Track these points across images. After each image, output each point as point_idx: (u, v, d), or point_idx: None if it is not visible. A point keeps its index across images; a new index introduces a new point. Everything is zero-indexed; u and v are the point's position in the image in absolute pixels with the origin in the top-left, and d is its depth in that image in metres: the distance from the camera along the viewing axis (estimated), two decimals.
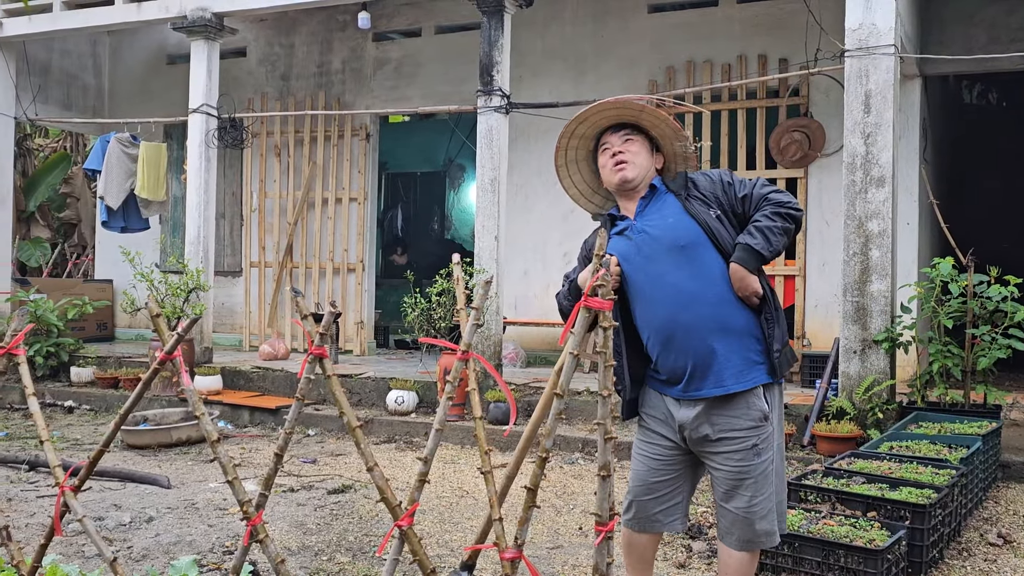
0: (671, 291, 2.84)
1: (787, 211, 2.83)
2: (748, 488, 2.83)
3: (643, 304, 2.90)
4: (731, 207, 2.89)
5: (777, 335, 2.86)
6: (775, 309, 2.88)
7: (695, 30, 9.13)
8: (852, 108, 6.45)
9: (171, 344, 2.43)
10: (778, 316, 2.88)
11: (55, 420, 8.07)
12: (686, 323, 2.82)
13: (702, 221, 2.85)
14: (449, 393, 2.43)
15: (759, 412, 2.82)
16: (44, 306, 9.32)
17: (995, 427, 5.61)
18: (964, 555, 4.35)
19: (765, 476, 2.84)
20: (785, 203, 2.84)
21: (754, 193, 2.88)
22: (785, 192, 2.91)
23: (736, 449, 2.83)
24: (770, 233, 2.80)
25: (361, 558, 4.29)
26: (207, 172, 9.25)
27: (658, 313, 2.86)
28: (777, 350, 2.85)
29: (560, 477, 6.00)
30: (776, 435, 2.90)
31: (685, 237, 2.85)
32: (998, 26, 8.20)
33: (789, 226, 2.84)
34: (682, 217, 2.88)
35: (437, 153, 13.81)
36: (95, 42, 12.04)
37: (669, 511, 2.99)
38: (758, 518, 2.85)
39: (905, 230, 7.90)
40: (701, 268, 2.83)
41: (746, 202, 2.88)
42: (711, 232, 2.84)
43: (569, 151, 3.11)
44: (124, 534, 4.63)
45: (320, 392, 8.01)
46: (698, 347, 2.81)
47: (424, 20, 10.40)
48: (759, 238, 2.79)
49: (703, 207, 2.88)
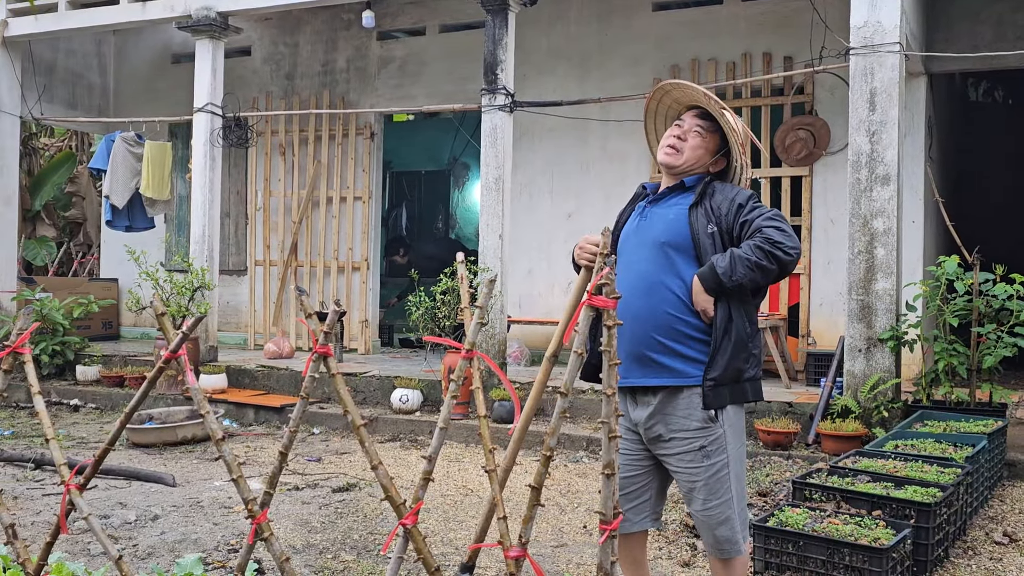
0: (635, 277, 2.87)
1: (772, 250, 2.73)
2: (701, 491, 2.83)
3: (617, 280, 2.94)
4: (729, 228, 2.86)
5: (719, 363, 2.79)
6: (729, 339, 2.79)
7: (700, 28, 9.12)
8: (857, 106, 6.44)
9: (176, 343, 2.44)
10: (727, 347, 2.78)
11: (61, 418, 8.09)
12: (637, 310, 2.84)
13: (694, 231, 2.86)
14: (453, 392, 2.44)
15: (704, 414, 2.81)
16: (50, 305, 9.34)
17: (1001, 426, 5.60)
18: (969, 554, 4.34)
19: (718, 481, 2.83)
20: (776, 242, 2.73)
21: (754, 223, 2.82)
22: (786, 233, 2.77)
23: (685, 450, 2.83)
24: (739, 263, 2.73)
25: (366, 556, 4.30)
26: (212, 171, 9.26)
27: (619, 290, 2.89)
28: (712, 379, 2.79)
29: (564, 475, 6.00)
30: (732, 445, 2.86)
31: (673, 238, 2.87)
32: (1004, 23, 8.18)
33: (767, 265, 2.72)
34: (681, 219, 2.90)
35: (441, 152, 13.81)
36: (100, 41, 12.06)
37: (638, 509, 2.99)
38: (715, 523, 2.85)
39: (910, 228, 7.88)
40: (673, 269, 2.85)
41: (744, 228, 2.84)
42: (698, 244, 2.85)
43: (661, 104, 3.15)
44: (129, 532, 4.64)
45: (325, 391, 8.01)
46: (642, 336, 2.84)
47: (428, 19, 10.40)
48: (726, 263, 2.75)
49: (704, 219, 2.87)
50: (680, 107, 3.12)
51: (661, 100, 3.15)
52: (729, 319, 2.81)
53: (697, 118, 3.00)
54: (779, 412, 6.61)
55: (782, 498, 5.02)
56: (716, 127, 2.99)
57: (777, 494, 5.22)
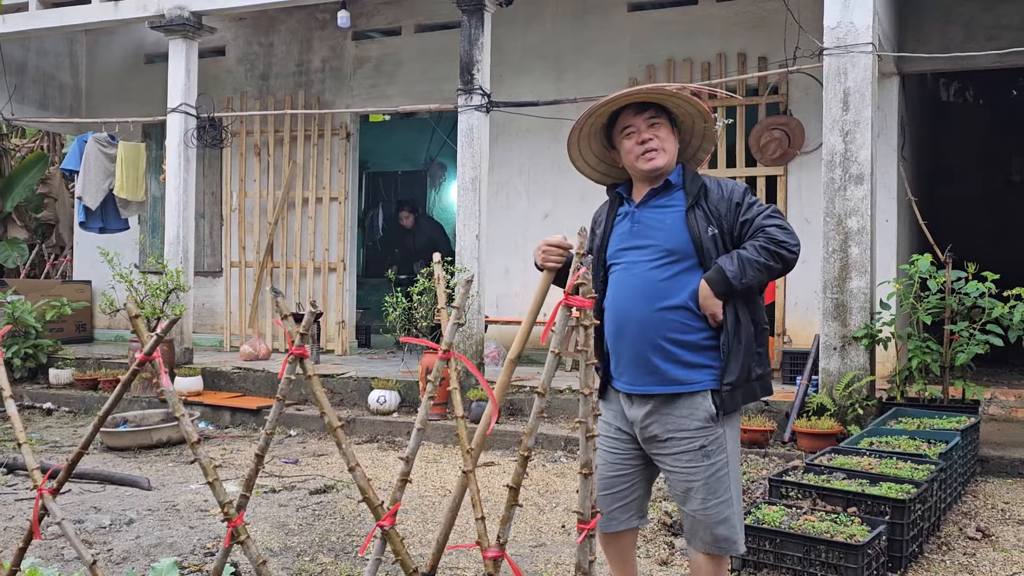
0: (639, 283, 2.85)
1: (777, 249, 2.77)
2: (700, 491, 2.81)
3: (614, 287, 2.92)
4: (731, 229, 2.85)
5: (733, 368, 2.80)
6: (739, 342, 2.81)
7: (675, 28, 9.16)
8: (831, 106, 6.49)
9: (150, 345, 2.42)
10: (738, 350, 2.80)
11: (33, 422, 8.00)
12: (642, 317, 2.82)
13: (696, 236, 2.82)
14: (431, 392, 2.43)
15: (706, 413, 2.80)
16: (22, 307, 9.23)
17: (973, 422, 5.66)
18: (943, 549, 4.39)
19: (718, 480, 2.81)
20: (780, 241, 2.77)
21: (755, 221, 2.82)
22: (787, 230, 2.81)
23: (684, 450, 2.81)
24: (748, 265, 2.75)
25: (343, 558, 4.28)
26: (186, 172, 9.19)
27: (622, 300, 2.88)
28: (729, 383, 2.80)
29: (543, 475, 6.00)
30: (730, 444, 2.86)
31: (674, 244, 2.84)
32: (974, 24, 8.27)
33: (773, 265, 2.78)
34: (680, 225, 2.86)
35: (418, 152, 13.78)
36: (72, 41, 11.94)
37: (626, 508, 2.98)
38: (715, 522, 2.82)
39: (884, 227, 7.95)
40: (677, 276, 2.83)
41: (744, 227, 2.83)
42: (701, 249, 2.82)
43: (584, 127, 2.98)
44: (104, 537, 4.60)
45: (302, 392, 7.97)
46: (648, 343, 2.82)
47: (404, 19, 10.37)
48: (735, 267, 2.75)
49: (704, 221, 2.84)
50: (601, 120, 2.97)
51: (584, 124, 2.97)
52: (737, 321, 2.81)
53: (641, 115, 2.90)
54: (755, 410, 6.64)
55: (759, 496, 5.05)
56: (661, 109, 2.91)
57: (754, 492, 5.24)
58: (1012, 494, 5.41)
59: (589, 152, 3.07)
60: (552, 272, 2.84)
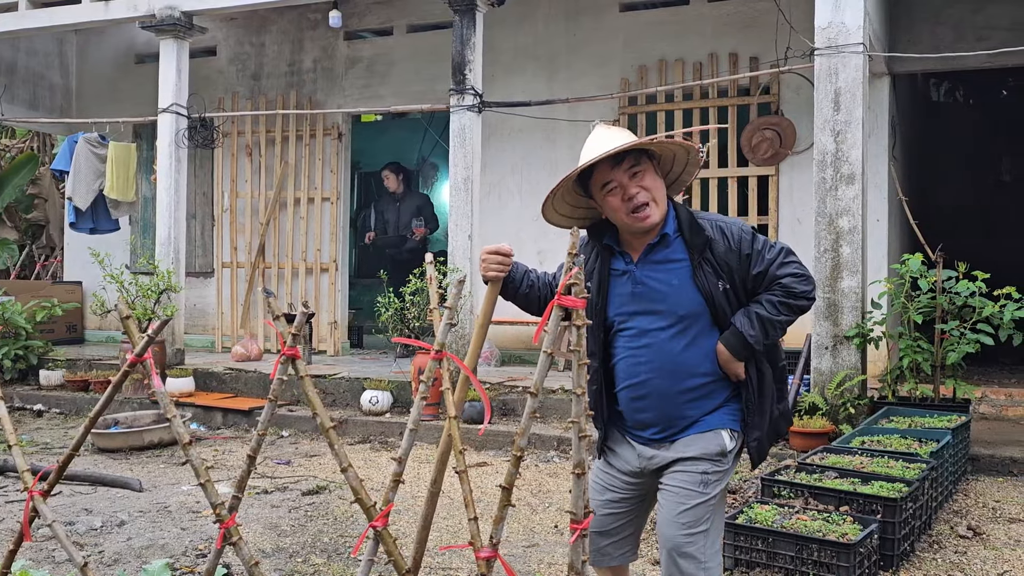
0: (658, 355, 2.70)
1: (797, 303, 2.67)
2: (684, 515, 2.64)
3: (627, 358, 2.76)
4: (743, 282, 2.70)
5: (758, 423, 2.73)
6: (762, 395, 2.74)
7: (667, 28, 9.17)
8: (822, 106, 6.51)
9: (142, 346, 2.41)
10: (763, 403, 2.73)
11: (24, 424, 7.97)
12: (664, 389, 2.71)
13: (707, 293, 2.67)
14: (423, 393, 2.43)
15: (718, 447, 2.69)
16: (12, 308, 9.19)
17: (964, 421, 5.68)
18: (935, 547, 4.40)
19: (705, 509, 2.66)
20: (799, 293, 2.67)
21: (769, 272, 2.68)
22: (804, 277, 2.68)
23: (686, 470, 2.69)
24: (768, 326, 2.66)
25: (336, 559, 4.27)
26: (177, 172, 9.16)
27: (639, 370, 2.73)
28: (756, 438, 2.75)
29: (535, 475, 6.01)
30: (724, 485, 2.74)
31: (687, 307, 2.69)
32: (964, 24, 8.30)
33: (792, 317, 2.70)
34: (688, 284, 2.69)
35: (410, 152, 13.75)
36: (62, 41, 11.89)
37: (619, 544, 2.87)
38: (681, 553, 2.64)
39: (875, 227, 7.97)
40: (696, 340, 2.70)
41: (758, 280, 2.69)
42: (714, 306, 2.68)
43: (559, 192, 2.78)
44: (95, 538, 4.58)
45: (294, 393, 7.96)
46: (671, 412, 2.72)
47: (396, 19, 10.36)
48: (756, 330, 2.65)
49: (714, 277, 2.68)
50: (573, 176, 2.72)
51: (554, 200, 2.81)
52: (760, 375, 2.74)
53: (620, 166, 2.65)
54: None
55: (751, 495, 5.06)
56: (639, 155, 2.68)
57: (746, 491, 5.26)
58: (1003, 492, 5.43)
59: (563, 205, 2.84)
60: (497, 283, 2.70)
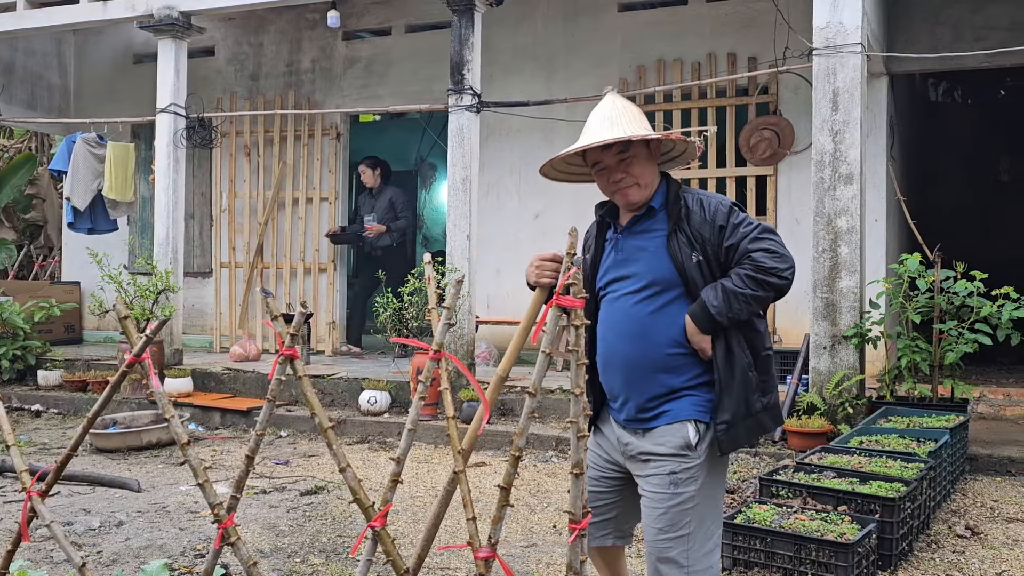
0: (624, 318, 2.71)
1: (765, 277, 2.58)
2: (658, 519, 2.62)
3: (601, 321, 2.79)
4: (716, 254, 2.65)
5: (727, 405, 2.62)
6: (732, 376, 2.63)
7: (665, 28, 9.17)
8: (820, 106, 6.51)
9: (140, 346, 2.41)
10: (731, 384, 2.62)
11: (22, 424, 7.96)
12: (629, 355, 2.69)
13: (679, 264, 2.65)
14: (421, 393, 2.43)
15: (682, 440, 2.64)
16: (10, 309, 9.18)
17: (962, 420, 5.68)
18: (933, 547, 4.41)
19: (680, 513, 2.61)
20: (768, 268, 2.58)
21: (741, 246, 2.62)
22: (776, 254, 2.61)
23: (655, 472, 2.65)
24: (733, 298, 2.57)
25: (335, 559, 4.27)
26: (175, 172, 9.15)
27: (608, 334, 2.75)
28: (724, 421, 2.62)
29: (534, 475, 6.01)
30: (706, 481, 2.66)
31: (657, 272, 2.68)
32: (963, 24, 8.31)
33: (761, 294, 2.59)
34: (661, 253, 2.69)
35: (408, 152, 13.76)
36: (60, 41, 11.87)
37: (600, 526, 2.85)
38: (660, 558, 2.62)
39: (873, 227, 7.98)
40: (665, 308, 2.67)
41: (730, 253, 2.64)
42: (686, 277, 2.65)
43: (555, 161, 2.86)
44: (93, 539, 4.58)
45: (292, 393, 7.95)
46: (637, 381, 2.69)
47: (394, 19, 10.36)
48: (719, 301, 2.58)
49: (687, 247, 2.65)
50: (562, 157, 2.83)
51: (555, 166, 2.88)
52: (729, 353, 2.65)
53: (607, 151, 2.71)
54: None
55: (749, 495, 5.07)
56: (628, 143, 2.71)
57: (744, 491, 5.26)
58: (1001, 492, 5.43)
59: (564, 166, 2.91)
60: (546, 289, 2.62)
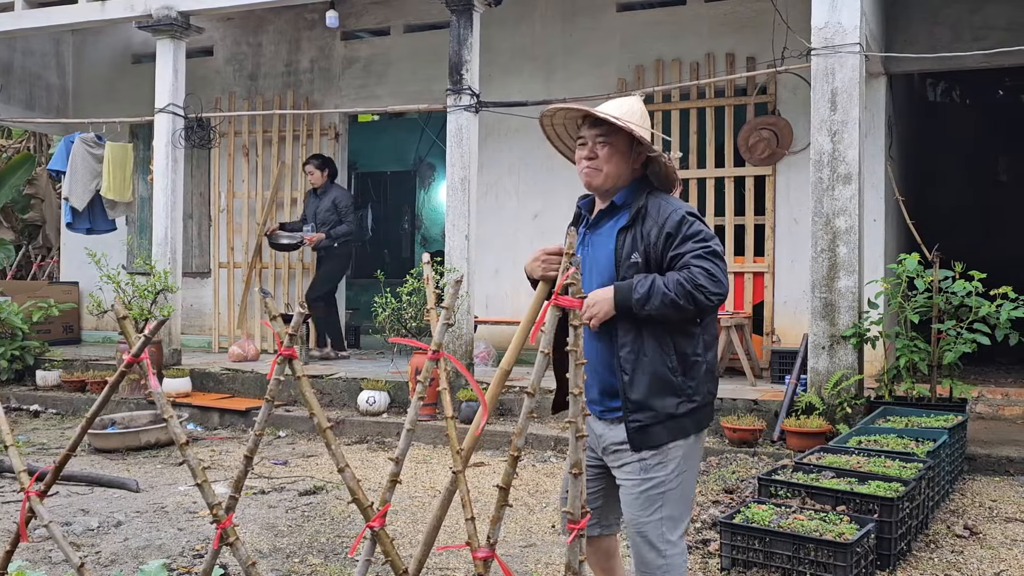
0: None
1: (694, 292, 2.58)
2: (632, 504, 2.74)
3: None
4: (657, 261, 2.68)
5: (637, 404, 2.68)
6: (643, 372, 2.67)
7: (664, 29, 9.17)
8: (819, 106, 6.51)
9: (138, 347, 2.41)
10: (639, 382, 2.67)
11: (20, 424, 7.96)
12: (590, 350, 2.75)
13: (618, 259, 2.72)
14: (420, 393, 2.43)
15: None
16: (8, 309, 9.18)
17: (961, 420, 5.68)
18: (931, 547, 4.41)
19: (651, 498, 2.72)
20: (700, 285, 2.59)
21: (684, 258, 2.64)
22: (714, 278, 2.61)
23: (627, 461, 2.74)
24: (657, 296, 2.60)
25: (333, 559, 4.27)
26: (174, 172, 9.15)
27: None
28: (634, 421, 2.68)
29: (532, 475, 6.01)
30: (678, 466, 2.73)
31: (604, 270, 2.76)
32: (961, 24, 8.31)
33: (684, 305, 2.59)
34: (609, 249, 2.76)
35: (407, 152, 13.76)
36: (59, 41, 11.86)
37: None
38: (638, 540, 2.75)
39: (872, 226, 7.98)
40: None
41: (674, 262, 2.66)
42: (619, 275, 2.72)
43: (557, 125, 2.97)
44: (92, 539, 4.58)
45: (291, 393, 7.95)
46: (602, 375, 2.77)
47: (393, 19, 10.36)
48: (645, 290, 2.61)
49: (630, 247, 2.71)
50: (572, 120, 2.93)
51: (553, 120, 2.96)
52: (640, 350, 2.68)
53: (593, 128, 2.82)
54: (744, 410, 6.66)
55: (748, 495, 5.07)
56: (616, 128, 2.78)
57: (743, 491, 5.26)
58: (999, 492, 5.44)
59: (564, 133, 3.00)
60: (550, 283, 2.63)
